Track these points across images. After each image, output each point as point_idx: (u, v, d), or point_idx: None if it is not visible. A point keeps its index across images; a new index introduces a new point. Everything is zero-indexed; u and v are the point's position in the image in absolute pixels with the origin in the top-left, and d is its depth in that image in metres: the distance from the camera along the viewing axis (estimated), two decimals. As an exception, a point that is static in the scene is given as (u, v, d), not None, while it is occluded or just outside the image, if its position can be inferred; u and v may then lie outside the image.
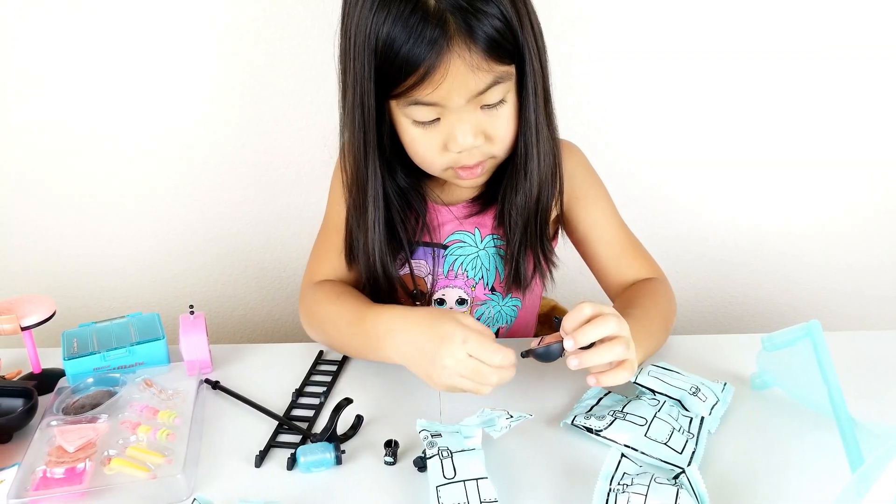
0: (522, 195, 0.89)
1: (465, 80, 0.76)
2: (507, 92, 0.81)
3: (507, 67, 0.79)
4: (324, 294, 0.92)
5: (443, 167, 0.85)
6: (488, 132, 0.82)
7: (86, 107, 1.19)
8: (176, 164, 1.24)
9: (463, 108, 0.79)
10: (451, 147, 0.81)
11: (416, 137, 0.83)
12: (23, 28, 1.14)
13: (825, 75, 1.20)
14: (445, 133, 0.81)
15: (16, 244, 1.29)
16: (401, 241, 0.92)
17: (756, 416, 0.80)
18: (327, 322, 0.91)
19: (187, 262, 1.33)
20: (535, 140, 0.85)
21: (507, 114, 0.83)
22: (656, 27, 1.16)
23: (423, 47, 0.73)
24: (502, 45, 0.77)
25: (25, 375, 0.91)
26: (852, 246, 1.33)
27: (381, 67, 0.77)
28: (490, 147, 0.83)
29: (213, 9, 1.14)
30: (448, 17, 0.73)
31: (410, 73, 0.75)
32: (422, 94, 0.77)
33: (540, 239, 0.92)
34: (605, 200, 0.98)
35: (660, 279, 0.96)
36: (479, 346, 0.73)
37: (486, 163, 0.86)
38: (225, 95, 1.20)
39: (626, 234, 0.98)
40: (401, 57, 0.74)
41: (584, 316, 0.72)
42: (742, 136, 1.25)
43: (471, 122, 0.80)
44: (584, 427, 0.76)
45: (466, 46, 0.74)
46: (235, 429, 0.81)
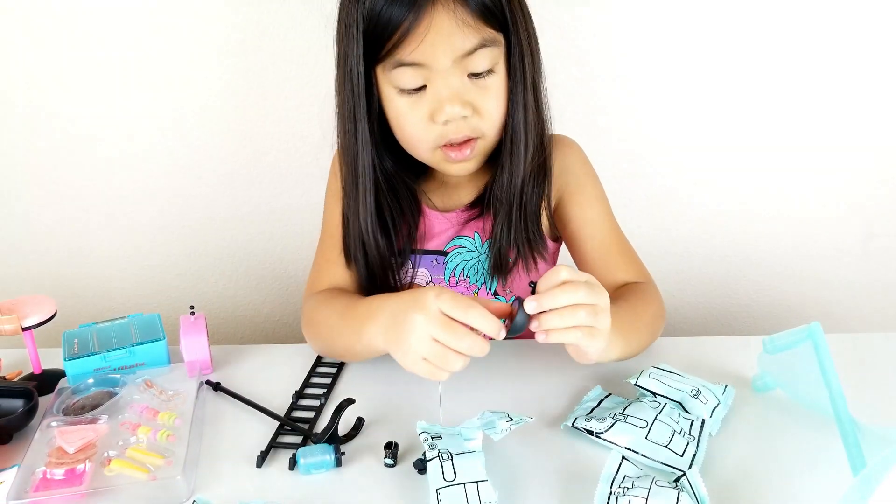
0: (508, 175, 0.87)
1: (451, 35, 0.76)
2: (495, 62, 0.81)
3: (495, 34, 0.79)
4: (321, 299, 0.92)
5: (431, 146, 0.84)
6: (476, 104, 0.81)
7: (87, 108, 1.19)
8: (177, 164, 1.24)
9: (449, 72, 0.79)
10: (437, 117, 0.80)
11: (403, 111, 0.82)
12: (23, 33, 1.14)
13: (827, 78, 1.20)
14: (431, 101, 0.80)
15: (17, 244, 1.29)
16: (393, 241, 0.91)
17: (757, 419, 0.80)
18: (322, 324, 0.90)
19: (188, 263, 1.33)
20: (522, 120, 0.84)
21: (496, 87, 0.82)
22: (663, 31, 1.16)
23: (405, 1, 0.75)
24: (491, 9, 0.78)
25: (26, 376, 0.91)
26: (854, 247, 1.33)
27: (367, 30, 0.78)
28: (478, 121, 0.82)
29: (215, 8, 1.13)
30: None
31: (395, 29, 0.76)
32: (405, 53, 0.77)
33: (525, 225, 0.91)
34: (600, 199, 0.97)
35: (650, 284, 0.95)
36: (455, 297, 0.68)
37: (476, 144, 0.84)
38: (226, 97, 1.20)
39: (617, 235, 0.97)
40: (385, 14, 0.76)
41: (557, 279, 0.69)
42: (745, 138, 1.24)
43: (457, 89, 0.80)
44: (585, 429, 0.76)
45: (452, 0, 0.75)
46: (235, 430, 0.81)
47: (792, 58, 1.18)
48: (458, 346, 0.68)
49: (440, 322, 0.68)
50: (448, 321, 0.68)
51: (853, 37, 1.17)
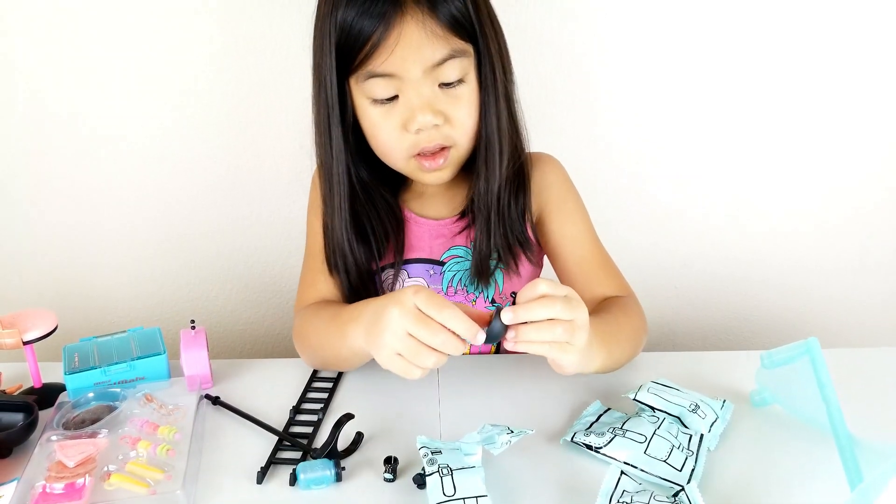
0: (484, 181, 0.89)
1: (420, 47, 0.78)
2: (465, 73, 0.83)
3: (465, 45, 0.82)
4: (309, 312, 0.93)
5: (404, 155, 0.86)
6: (447, 113, 0.83)
7: (88, 123, 1.20)
8: (178, 178, 1.25)
9: (420, 82, 0.80)
10: (409, 126, 0.82)
11: (376, 121, 0.84)
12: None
13: (823, 94, 1.21)
14: (404, 111, 0.82)
15: (18, 258, 1.29)
16: (373, 250, 0.92)
17: (756, 434, 0.80)
18: (310, 335, 0.91)
19: (188, 277, 1.33)
20: (495, 128, 0.86)
21: (467, 96, 0.84)
22: (661, 47, 1.17)
23: (375, 13, 0.77)
24: (460, 21, 0.80)
25: (26, 390, 0.91)
26: (852, 262, 1.34)
27: (339, 42, 0.80)
28: (450, 130, 0.84)
29: (198, 23, 1.14)
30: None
31: (365, 41, 0.78)
32: (377, 64, 0.79)
33: (504, 231, 0.92)
34: (580, 215, 0.98)
35: (631, 298, 0.95)
36: (430, 296, 0.68)
37: (448, 153, 0.86)
38: (228, 113, 1.20)
39: (598, 251, 0.98)
40: (356, 26, 0.78)
41: (536, 293, 0.69)
42: (742, 154, 1.25)
43: (429, 98, 0.81)
44: (584, 444, 0.76)
45: (421, 12, 0.78)
46: (235, 445, 0.81)
47: (787, 72, 1.19)
48: (432, 341, 0.68)
49: (415, 317, 0.68)
50: (423, 317, 0.68)
51: (842, 58, 1.18)
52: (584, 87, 1.20)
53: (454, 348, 0.68)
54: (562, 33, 1.17)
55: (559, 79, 1.19)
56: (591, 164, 1.25)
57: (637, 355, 0.93)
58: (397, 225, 0.94)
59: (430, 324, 0.68)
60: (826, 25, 1.16)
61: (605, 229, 1.29)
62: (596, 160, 1.25)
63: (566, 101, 1.20)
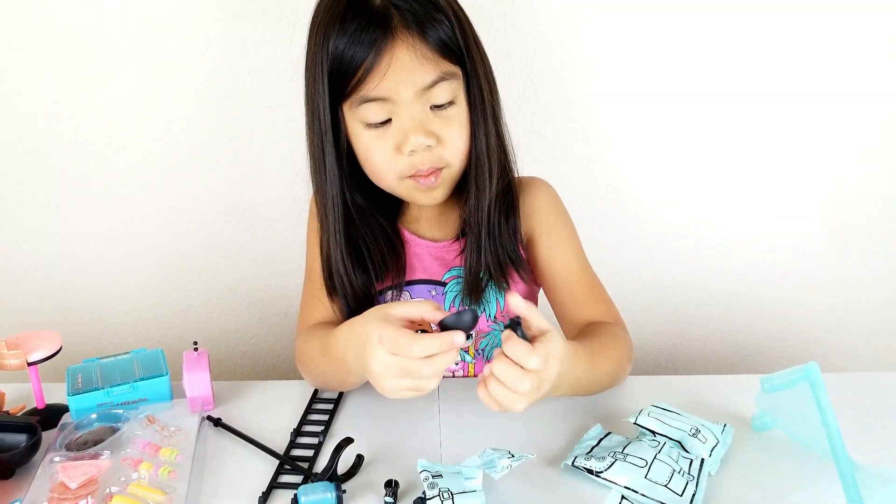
0: (475, 199, 0.90)
1: (412, 70, 0.80)
2: (455, 94, 0.84)
3: (454, 67, 0.84)
4: (307, 335, 0.94)
5: (398, 176, 0.87)
6: (439, 134, 0.84)
7: (93, 148, 1.21)
8: (180, 201, 1.26)
9: (412, 105, 0.82)
10: (402, 148, 0.83)
11: (370, 144, 0.85)
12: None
13: (824, 115, 1.21)
14: (397, 134, 0.84)
15: (23, 280, 1.30)
16: (371, 275, 0.93)
17: (756, 458, 0.80)
18: (309, 361, 0.92)
19: (191, 298, 1.33)
20: (485, 147, 0.87)
21: (458, 117, 0.86)
22: (654, 65, 1.18)
23: (367, 39, 0.79)
24: (448, 45, 0.83)
25: (29, 411, 0.92)
26: (851, 287, 1.34)
27: (332, 70, 0.82)
28: (442, 151, 0.85)
29: (218, 45, 1.16)
30: (392, 11, 0.80)
31: (358, 67, 0.80)
32: (369, 88, 0.81)
33: (494, 249, 0.92)
34: (570, 239, 0.99)
35: (617, 325, 0.95)
36: (394, 341, 0.69)
37: (442, 173, 0.87)
38: (232, 138, 1.21)
39: (587, 275, 0.98)
40: (347, 53, 0.80)
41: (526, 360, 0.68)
42: (741, 179, 1.26)
43: (421, 120, 0.83)
44: (585, 468, 0.76)
45: (411, 36, 0.80)
46: (237, 467, 0.81)
47: (786, 95, 1.20)
48: (424, 372, 0.69)
49: (398, 366, 0.70)
50: (408, 363, 0.69)
51: (849, 74, 1.19)
52: (580, 110, 1.21)
53: (445, 364, 0.69)
54: (551, 59, 1.18)
55: (556, 102, 1.20)
56: (589, 187, 1.26)
57: (618, 383, 0.93)
58: (394, 249, 0.95)
59: (410, 365, 0.69)
60: (827, 41, 1.16)
61: (603, 253, 1.30)
62: (594, 183, 1.26)
63: (564, 125, 1.21)
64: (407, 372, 0.70)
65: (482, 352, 1.02)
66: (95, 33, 1.14)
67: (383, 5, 0.80)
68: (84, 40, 1.15)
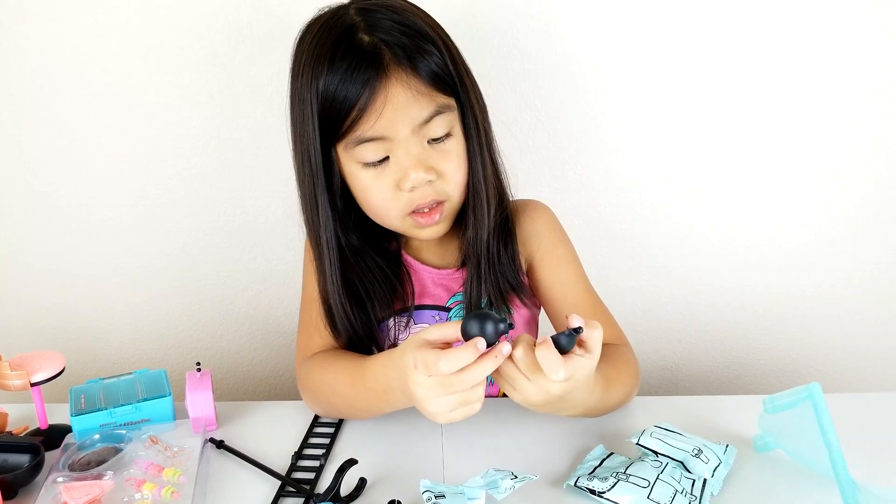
0: (473, 229, 0.90)
1: (408, 107, 0.79)
2: (451, 126, 0.84)
3: (448, 99, 0.83)
4: (317, 365, 0.92)
5: (400, 214, 0.86)
6: (439, 168, 0.83)
7: (96, 170, 1.22)
8: (183, 224, 1.27)
9: (409, 142, 0.81)
10: (402, 185, 0.82)
11: (368, 184, 0.84)
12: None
13: (830, 131, 1.22)
14: (396, 171, 0.83)
15: (26, 301, 1.31)
16: (369, 312, 0.92)
17: (759, 479, 0.80)
18: (328, 392, 0.90)
19: (193, 319, 1.34)
20: (482, 176, 0.87)
21: (455, 149, 0.85)
22: (657, 82, 1.19)
23: (359, 79, 0.78)
24: (441, 76, 0.82)
25: (32, 431, 0.92)
26: (854, 306, 1.34)
27: (322, 111, 0.81)
28: (443, 185, 0.85)
29: (217, 73, 1.18)
30: (382, 49, 0.79)
31: (351, 107, 0.79)
32: (365, 129, 0.80)
33: (494, 277, 0.92)
34: (570, 261, 0.98)
35: (626, 347, 0.95)
36: (425, 362, 0.69)
37: (443, 207, 0.87)
38: (233, 161, 1.22)
39: (589, 296, 0.98)
40: (340, 94, 0.79)
41: (557, 372, 0.68)
42: (744, 201, 1.26)
43: (419, 156, 0.82)
44: (587, 488, 0.76)
45: (404, 73, 0.79)
46: (239, 488, 0.81)
47: (781, 113, 1.21)
48: (462, 386, 0.69)
49: (442, 386, 0.69)
50: (447, 380, 0.69)
51: (831, 96, 1.20)
52: (580, 129, 1.22)
53: (482, 372, 0.69)
54: (543, 81, 1.19)
55: (556, 121, 1.21)
56: (593, 208, 1.27)
57: (624, 404, 0.93)
58: (399, 278, 0.94)
59: (449, 382, 0.69)
60: (835, 52, 1.18)
61: (606, 273, 1.31)
62: (597, 205, 1.27)
63: (563, 144, 1.22)
64: (447, 389, 0.69)
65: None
66: (95, 56, 1.16)
67: (372, 42, 0.79)
68: (83, 68, 1.16)
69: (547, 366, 0.68)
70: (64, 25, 1.13)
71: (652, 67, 1.18)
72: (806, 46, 1.17)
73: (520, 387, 0.71)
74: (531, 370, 0.70)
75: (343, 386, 0.87)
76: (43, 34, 1.14)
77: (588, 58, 1.17)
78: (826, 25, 1.15)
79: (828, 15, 1.15)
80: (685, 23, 1.16)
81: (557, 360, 0.68)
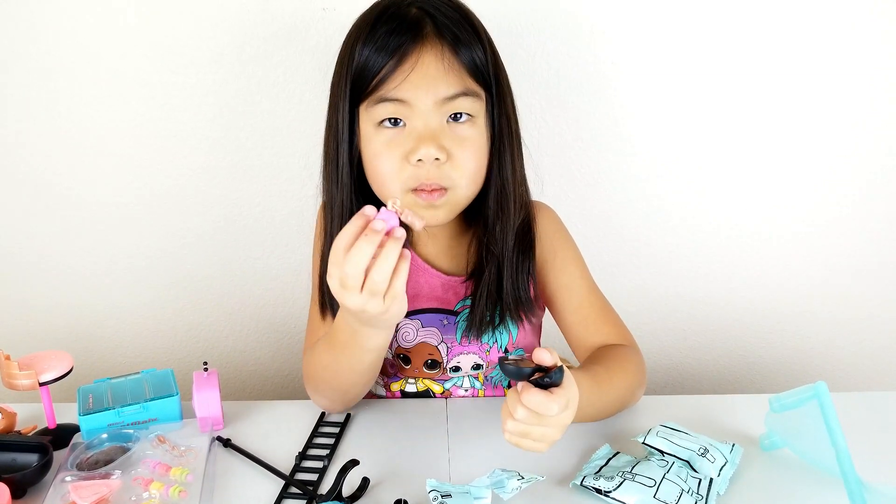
0: (500, 231, 0.89)
1: (436, 78, 0.80)
2: (476, 113, 0.83)
3: (479, 88, 0.83)
4: (309, 352, 0.92)
5: (402, 187, 0.84)
6: (451, 150, 0.82)
7: (103, 169, 1.23)
8: (190, 223, 1.27)
9: (429, 114, 0.81)
10: (411, 157, 0.81)
11: (379, 149, 0.83)
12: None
13: (833, 131, 1.22)
14: (408, 140, 0.82)
15: (34, 301, 1.31)
16: None
17: (765, 478, 0.80)
18: (319, 369, 0.89)
19: (200, 318, 1.34)
20: (510, 177, 0.87)
21: (474, 137, 0.84)
22: (668, 87, 1.19)
23: (394, 42, 0.79)
24: (479, 68, 0.82)
25: (40, 430, 0.92)
26: (860, 304, 1.34)
27: (356, 70, 0.82)
28: (450, 169, 0.83)
29: (227, 65, 1.18)
30: (425, 20, 0.81)
31: (381, 67, 0.80)
32: (389, 89, 0.80)
33: (513, 286, 0.91)
34: (575, 263, 0.98)
35: (631, 347, 0.95)
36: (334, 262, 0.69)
37: (447, 194, 0.84)
38: (240, 160, 1.23)
39: (595, 298, 0.97)
40: (373, 53, 0.80)
41: (549, 408, 0.69)
42: (750, 202, 1.26)
43: (435, 131, 0.81)
44: (594, 488, 0.76)
45: (441, 45, 0.80)
46: (245, 487, 0.81)
47: (787, 111, 1.21)
48: (374, 283, 0.68)
49: (341, 271, 0.68)
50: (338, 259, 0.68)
51: (837, 103, 1.20)
52: (586, 128, 1.22)
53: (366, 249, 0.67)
54: (556, 84, 1.19)
55: (562, 123, 1.21)
56: (598, 208, 1.27)
57: (628, 407, 0.93)
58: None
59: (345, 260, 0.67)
60: (836, 53, 1.18)
61: (613, 273, 1.30)
62: (602, 205, 1.27)
63: (569, 143, 1.22)
64: (340, 267, 0.68)
65: (491, 380, 1.02)
66: (101, 56, 1.16)
67: (419, 13, 0.81)
68: (89, 69, 1.17)
69: (540, 408, 0.68)
70: (70, 25, 1.14)
71: (656, 68, 1.18)
72: (807, 47, 1.17)
73: (541, 435, 0.71)
74: (537, 418, 0.70)
75: (325, 356, 0.86)
76: (49, 35, 1.14)
77: (592, 58, 1.17)
78: (826, 26, 1.15)
79: (828, 15, 1.15)
80: (687, 24, 1.16)
81: (544, 397, 0.68)
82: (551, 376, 0.69)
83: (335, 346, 0.83)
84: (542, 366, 0.69)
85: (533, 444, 0.72)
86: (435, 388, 1.00)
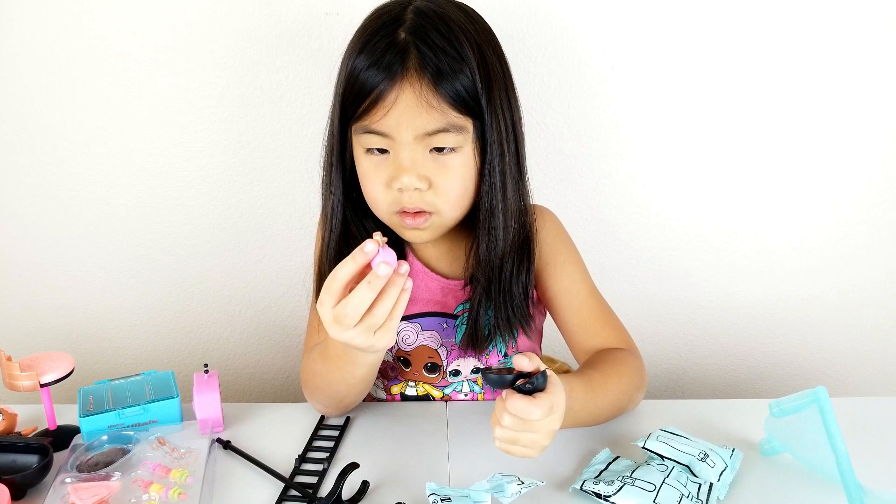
0: (485, 251, 0.89)
1: (415, 114, 0.79)
2: (460, 145, 0.83)
3: (464, 120, 0.82)
4: (307, 357, 0.93)
5: (388, 208, 0.85)
6: (433, 179, 0.82)
7: (103, 170, 1.23)
8: (191, 225, 1.27)
9: (412, 146, 0.81)
10: (393, 184, 0.83)
11: (367, 171, 0.86)
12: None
13: (836, 136, 1.22)
14: (391, 168, 0.83)
15: (35, 302, 1.31)
16: None
17: (765, 483, 0.80)
18: (314, 376, 0.90)
19: (200, 320, 1.34)
20: (500, 198, 0.86)
21: (457, 167, 0.83)
22: (668, 92, 1.19)
23: (379, 72, 0.79)
24: (464, 98, 0.81)
25: (41, 432, 0.92)
26: (860, 309, 1.34)
27: (346, 91, 0.83)
28: (433, 197, 0.83)
29: (230, 69, 1.18)
30: (411, 51, 0.79)
31: (365, 97, 0.80)
32: (373, 121, 0.81)
33: (503, 302, 0.91)
34: (575, 266, 0.98)
35: (630, 351, 0.94)
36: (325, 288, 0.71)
37: (431, 217, 0.85)
38: (241, 162, 1.23)
39: (596, 301, 0.97)
40: (361, 78, 0.81)
41: (530, 414, 0.69)
42: (751, 208, 1.26)
43: (415, 162, 0.82)
44: (593, 492, 0.76)
45: (419, 81, 0.79)
46: (245, 490, 0.81)
47: (790, 116, 1.21)
48: (369, 319, 0.70)
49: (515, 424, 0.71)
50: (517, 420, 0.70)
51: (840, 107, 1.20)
52: (586, 131, 1.22)
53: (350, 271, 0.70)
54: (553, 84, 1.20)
55: (563, 126, 1.21)
56: (598, 212, 1.27)
57: (626, 412, 0.93)
58: None
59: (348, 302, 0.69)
60: (845, 56, 1.18)
61: (613, 277, 1.30)
62: (603, 209, 1.27)
63: (569, 147, 1.23)
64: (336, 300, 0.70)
65: None
66: (104, 58, 1.17)
67: (405, 41, 0.79)
68: (92, 71, 1.17)
69: (523, 413, 0.69)
70: (72, 27, 1.14)
71: (657, 71, 1.18)
72: (807, 49, 1.17)
73: (529, 441, 0.72)
74: (523, 423, 0.70)
75: (319, 364, 0.87)
76: (50, 37, 1.15)
77: (593, 62, 1.18)
78: (830, 28, 1.15)
79: (829, 16, 1.15)
80: (687, 29, 1.16)
81: (527, 402, 0.69)
82: (533, 382, 0.69)
83: (328, 358, 0.84)
84: (525, 372, 0.70)
85: (523, 450, 0.72)
86: (434, 394, 1.00)
